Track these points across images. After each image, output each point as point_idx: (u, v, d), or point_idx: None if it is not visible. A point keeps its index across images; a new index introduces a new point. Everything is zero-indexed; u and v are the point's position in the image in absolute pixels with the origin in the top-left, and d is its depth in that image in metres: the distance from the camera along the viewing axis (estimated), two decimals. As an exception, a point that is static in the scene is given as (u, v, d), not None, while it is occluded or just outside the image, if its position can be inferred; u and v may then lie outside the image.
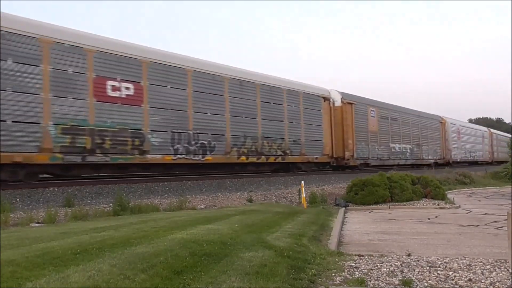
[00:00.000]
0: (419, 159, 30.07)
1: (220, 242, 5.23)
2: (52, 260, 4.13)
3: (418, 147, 30.11)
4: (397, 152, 27.31)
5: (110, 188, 11.67)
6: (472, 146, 41.27)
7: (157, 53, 14.20)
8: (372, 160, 24.62)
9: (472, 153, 40.80)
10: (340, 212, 10.37)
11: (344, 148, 22.24)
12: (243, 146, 16.34)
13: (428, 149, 31.79)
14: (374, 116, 24.99)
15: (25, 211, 8.61)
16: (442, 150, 34.26)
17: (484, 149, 45.53)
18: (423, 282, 4.42)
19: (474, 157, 41.17)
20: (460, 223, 8.85)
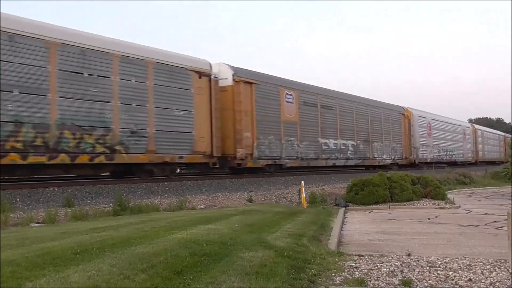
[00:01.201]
0: (368, 158, 24.70)
1: (220, 242, 5.23)
2: (52, 260, 4.13)
3: (367, 143, 24.52)
4: (331, 149, 21.39)
5: (110, 188, 11.67)
6: (449, 144, 35.93)
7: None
8: (289, 160, 18.66)
9: (449, 152, 35.45)
10: (340, 212, 10.37)
11: (236, 144, 16.16)
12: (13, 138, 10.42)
13: (383, 146, 26.09)
14: (292, 101, 19.01)
15: (25, 211, 8.61)
16: (404, 148, 28.74)
17: (466, 147, 39.97)
18: (423, 282, 4.42)
19: (451, 157, 35.67)
20: (460, 223, 8.84)
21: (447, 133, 35.88)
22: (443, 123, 35.86)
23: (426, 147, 31.42)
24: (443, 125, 35.56)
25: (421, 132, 30.97)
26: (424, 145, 31.12)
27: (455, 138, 37.76)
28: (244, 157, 16.39)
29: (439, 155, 33.36)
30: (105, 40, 12.88)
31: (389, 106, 28.13)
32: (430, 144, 32.18)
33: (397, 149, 27.83)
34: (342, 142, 22.57)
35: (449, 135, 36.23)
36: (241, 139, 16.33)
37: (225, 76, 16.38)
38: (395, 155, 27.51)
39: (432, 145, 32.36)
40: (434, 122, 33.50)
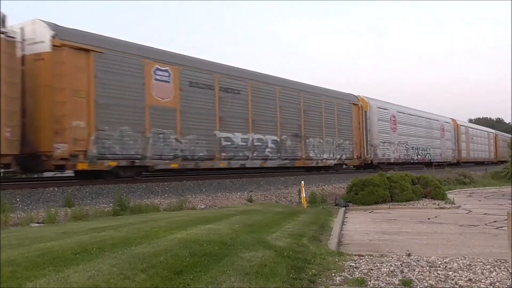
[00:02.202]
0: (300, 158, 19.37)
1: (220, 242, 5.23)
2: (52, 260, 4.13)
3: (298, 139, 19.25)
4: (236, 146, 16.17)
5: (110, 188, 11.68)
6: (423, 142, 30.92)
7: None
8: (160, 159, 13.74)
9: (422, 151, 30.50)
10: (340, 212, 10.37)
11: (55, 137, 11.21)
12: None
13: (323, 143, 20.88)
14: (168, 80, 14.08)
15: (25, 211, 8.62)
16: (356, 145, 23.64)
17: (445, 146, 34.96)
18: (423, 282, 4.42)
19: (425, 156, 30.93)
20: (460, 223, 8.84)
21: (419, 129, 30.63)
22: (414, 117, 30.56)
23: (389, 144, 26.28)
24: (413, 119, 30.27)
25: (381, 127, 25.82)
26: (386, 142, 25.95)
27: (430, 134, 32.39)
28: (69, 155, 11.35)
29: (408, 155, 28.60)
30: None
31: (333, 94, 22.72)
32: (395, 141, 27.03)
33: (345, 146, 22.56)
34: (256, 137, 17.04)
35: (422, 131, 31.02)
36: (63, 130, 11.29)
37: (41, 39, 11.37)
38: (342, 154, 22.33)
39: (397, 143, 27.30)
40: (401, 116, 28.43)
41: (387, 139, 26.45)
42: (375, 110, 25.55)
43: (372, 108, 25.33)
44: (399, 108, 29.24)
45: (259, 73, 18.84)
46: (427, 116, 33.21)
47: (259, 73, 18.84)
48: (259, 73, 18.84)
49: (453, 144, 37.34)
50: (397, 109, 28.71)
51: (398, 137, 27.86)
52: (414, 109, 31.86)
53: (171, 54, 15.05)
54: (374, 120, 25.27)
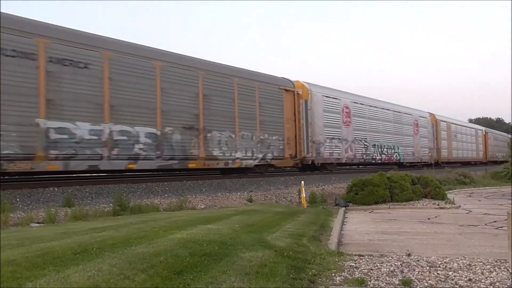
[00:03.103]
0: (196, 157, 14.54)
1: (220, 242, 5.23)
2: (52, 260, 4.13)
3: (193, 132, 14.54)
4: (78, 140, 11.60)
5: (110, 188, 11.68)
6: (389, 139, 26.57)
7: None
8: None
9: (388, 150, 26.22)
10: (340, 212, 10.37)
11: None
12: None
13: (237, 138, 16.11)
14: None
15: (25, 211, 8.61)
16: (289, 141, 18.66)
17: (420, 144, 30.67)
18: (423, 282, 4.42)
19: (391, 156, 26.66)
20: (460, 223, 8.85)
21: (384, 124, 26.25)
22: (377, 109, 25.86)
23: (339, 141, 21.87)
24: (376, 112, 25.66)
25: (329, 120, 21.38)
26: (335, 139, 21.54)
27: (400, 130, 27.99)
28: None
29: (367, 154, 24.29)
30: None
31: (254, 76, 17.56)
32: (349, 137, 22.69)
33: (272, 143, 17.73)
34: (118, 129, 12.56)
35: (388, 127, 26.69)
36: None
37: None
38: (266, 152, 17.43)
39: (352, 140, 22.99)
40: (358, 107, 23.99)
41: (337, 134, 21.81)
42: (320, 99, 20.88)
43: (316, 97, 20.56)
44: (355, 98, 24.24)
45: (124, 42, 13.44)
46: (395, 109, 28.32)
47: (124, 42, 13.44)
48: (124, 42, 13.44)
49: (431, 142, 32.65)
50: (353, 99, 23.81)
51: (354, 132, 23.21)
52: (377, 100, 26.97)
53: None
54: (318, 111, 20.56)
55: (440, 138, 34.55)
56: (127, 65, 12.87)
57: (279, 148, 18.36)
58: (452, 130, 37.35)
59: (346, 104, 22.99)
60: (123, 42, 13.44)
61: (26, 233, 6.17)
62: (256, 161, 17.28)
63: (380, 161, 25.81)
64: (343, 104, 22.75)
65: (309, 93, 20.30)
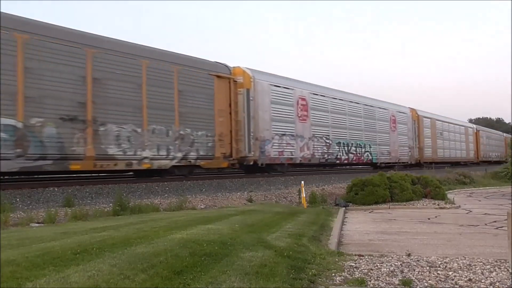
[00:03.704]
0: (84, 156, 11.57)
1: (220, 242, 5.23)
2: (52, 260, 4.13)
3: (77, 124, 11.54)
4: None
5: (110, 188, 11.68)
6: (358, 136, 23.63)
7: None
8: None
9: (357, 148, 23.42)
10: (340, 212, 10.38)
11: None
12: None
13: (144, 133, 13.12)
14: None
15: (25, 211, 8.61)
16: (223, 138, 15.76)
17: (398, 142, 27.57)
18: (423, 282, 4.42)
19: (362, 155, 23.85)
20: (460, 223, 8.85)
21: (352, 119, 23.38)
22: (342, 102, 22.76)
23: (292, 138, 18.65)
24: (341, 105, 22.57)
25: (279, 113, 18.15)
26: (286, 135, 18.32)
27: (372, 127, 25.17)
28: None
29: (330, 153, 21.19)
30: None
31: (171, 58, 14.40)
32: (305, 134, 19.51)
33: (198, 139, 14.75)
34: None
35: (357, 122, 23.80)
36: None
37: None
38: (190, 150, 14.43)
39: (310, 136, 19.80)
40: (318, 100, 20.75)
41: (289, 130, 18.57)
42: (267, 88, 17.63)
43: (260, 86, 17.26)
44: (314, 89, 20.97)
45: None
46: (367, 102, 25.22)
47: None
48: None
49: (411, 140, 29.62)
50: (311, 90, 20.51)
51: (312, 128, 20.00)
52: (343, 92, 23.84)
53: None
54: (263, 103, 17.36)
55: (423, 136, 31.35)
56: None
57: (208, 146, 15.12)
58: (437, 127, 34.08)
59: (302, 96, 19.54)
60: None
61: (26, 233, 6.17)
62: (174, 161, 14.02)
63: (347, 161, 22.77)
64: (297, 96, 19.27)
65: (251, 81, 16.86)
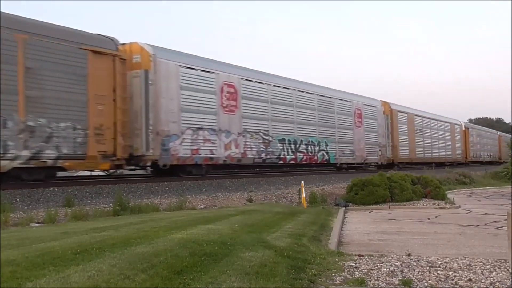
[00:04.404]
0: None
1: (220, 242, 5.23)
2: (52, 260, 4.13)
3: None
4: None
5: (110, 188, 11.68)
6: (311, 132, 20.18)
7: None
8: None
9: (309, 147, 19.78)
10: (340, 212, 10.38)
11: None
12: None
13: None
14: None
15: (25, 211, 8.62)
16: (103, 132, 12.24)
17: (365, 140, 24.23)
18: (423, 282, 4.42)
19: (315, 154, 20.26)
20: (460, 223, 8.85)
21: (302, 112, 19.74)
22: (288, 91, 19.01)
23: (214, 134, 15.24)
24: (286, 95, 18.82)
25: (192, 102, 14.60)
26: (203, 130, 14.86)
27: (330, 122, 21.66)
28: None
29: (269, 151, 17.53)
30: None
31: (16, 23, 10.63)
32: (233, 128, 16.09)
33: (58, 133, 11.28)
34: None
35: (310, 116, 20.23)
36: None
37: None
38: (43, 147, 11.01)
39: (240, 132, 16.36)
40: (251, 87, 17.06)
41: (208, 123, 15.08)
42: (174, 70, 14.13)
43: (165, 67, 13.85)
44: (247, 74, 17.22)
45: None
46: (322, 92, 21.58)
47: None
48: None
49: (383, 137, 26.01)
50: (242, 75, 16.82)
51: (244, 122, 16.43)
52: (289, 79, 19.94)
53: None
54: (169, 89, 13.88)
55: (398, 133, 27.92)
56: None
57: (76, 142, 11.64)
58: (416, 123, 30.68)
59: (229, 82, 15.98)
60: None
61: (26, 233, 6.17)
62: (17, 162, 10.60)
63: (294, 161, 19.01)
64: (222, 81, 15.73)
65: (151, 61, 13.40)
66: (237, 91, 16.42)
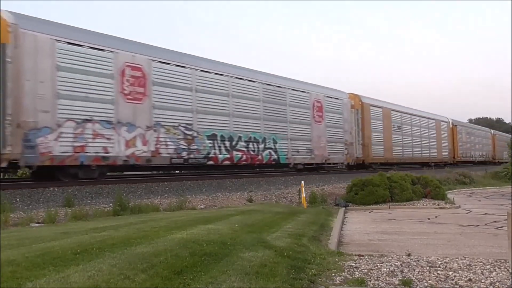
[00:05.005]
0: None
1: (220, 242, 5.23)
2: (52, 260, 4.13)
3: None
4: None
5: (110, 188, 11.68)
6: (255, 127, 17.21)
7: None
8: None
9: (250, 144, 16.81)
10: (340, 212, 10.38)
11: None
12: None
13: None
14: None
15: (25, 211, 8.62)
16: None
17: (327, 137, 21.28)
18: (423, 282, 4.42)
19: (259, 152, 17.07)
20: (460, 223, 8.85)
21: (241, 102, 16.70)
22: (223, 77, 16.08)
23: (110, 127, 12.50)
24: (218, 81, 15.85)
25: (74, 87, 11.88)
26: (93, 122, 12.16)
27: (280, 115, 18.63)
28: None
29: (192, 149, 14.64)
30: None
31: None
32: (139, 121, 13.20)
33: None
34: None
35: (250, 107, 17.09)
36: None
37: None
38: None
39: (151, 125, 13.53)
40: (171, 71, 14.33)
41: (101, 114, 12.38)
42: (46, 46, 11.40)
43: (32, 40, 11.14)
44: (162, 55, 14.38)
45: None
46: (269, 81, 18.39)
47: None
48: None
49: (350, 134, 23.36)
50: (154, 55, 13.97)
51: (154, 112, 13.62)
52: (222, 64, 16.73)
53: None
54: (38, 69, 11.20)
55: (370, 129, 25.00)
56: None
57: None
58: (394, 119, 27.82)
59: (133, 63, 13.16)
60: None
61: (26, 233, 6.17)
62: None
63: (230, 161, 16.03)
64: (123, 62, 12.88)
65: (10, 32, 10.82)
66: (146, 75, 13.51)
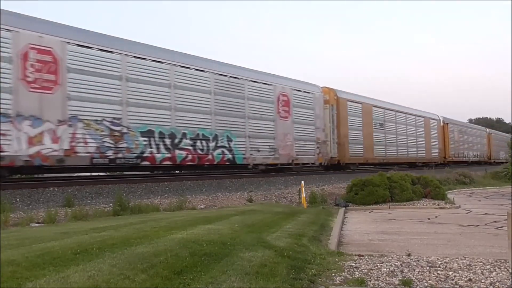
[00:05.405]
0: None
1: (220, 242, 5.23)
2: (52, 260, 4.13)
3: None
4: None
5: (110, 188, 11.68)
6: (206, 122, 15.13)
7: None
8: None
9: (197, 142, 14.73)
10: (340, 212, 10.38)
11: None
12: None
13: None
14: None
15: (25, 211, 8.61)
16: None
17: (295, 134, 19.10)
18: (423, 282, 4.42)
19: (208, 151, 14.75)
20: (460, 223, 8.85)
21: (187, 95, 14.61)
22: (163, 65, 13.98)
23: (10, 120, 10.34)
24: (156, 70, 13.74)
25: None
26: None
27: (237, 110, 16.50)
28: None
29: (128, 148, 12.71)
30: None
31: None
32: (50, 114, 11.12)
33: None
34: None
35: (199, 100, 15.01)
36: None
37: None
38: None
39: (64, 119, 11.39)
40: (93, 56, 12.13)
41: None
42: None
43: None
44: (80, 36, 12.14)
45: None
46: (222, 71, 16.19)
47: None
48: None
49: (323, 131, 21.20)
50: (69, 36, 11.78)
51: (70, 104, 11.55)
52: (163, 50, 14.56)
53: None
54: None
55: (347, 126, 23.09)
56: None
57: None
58: (375, 116, 25.57)
59: (39, 45, 11.00)
60: None
61: (26, 233, 6.17)
62: None
63: (172, 161, 14.03)
64: (25, 44, 10.71)
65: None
66: (58, 60, 11.37)
